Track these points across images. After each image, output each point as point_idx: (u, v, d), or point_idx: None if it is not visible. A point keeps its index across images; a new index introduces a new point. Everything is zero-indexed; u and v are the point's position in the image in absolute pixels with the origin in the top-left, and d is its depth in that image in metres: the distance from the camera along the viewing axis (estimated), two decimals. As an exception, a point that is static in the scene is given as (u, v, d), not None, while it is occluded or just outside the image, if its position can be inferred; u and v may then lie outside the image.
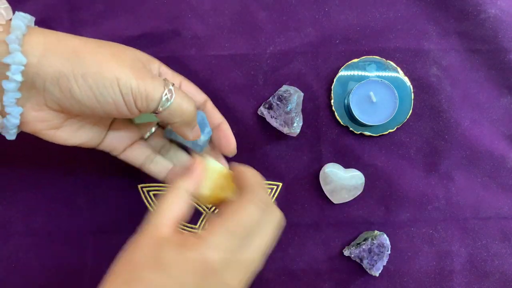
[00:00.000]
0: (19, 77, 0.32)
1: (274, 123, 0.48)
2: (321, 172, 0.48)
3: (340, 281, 0.49)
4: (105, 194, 0.49)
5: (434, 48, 0.50)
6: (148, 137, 0.44)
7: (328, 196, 0.49)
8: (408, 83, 0.50)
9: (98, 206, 0.49)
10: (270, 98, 0.48)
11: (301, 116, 0.48)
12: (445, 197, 0.49)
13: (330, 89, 0.50)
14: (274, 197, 0.49)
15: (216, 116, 0.44)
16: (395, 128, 0.50)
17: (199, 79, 0.50)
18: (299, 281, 0.49)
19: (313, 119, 0.50)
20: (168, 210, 0.33)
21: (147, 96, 0.34)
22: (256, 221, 0.33)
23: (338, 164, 0.49)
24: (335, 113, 0.49)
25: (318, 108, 0.50)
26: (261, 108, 0.49)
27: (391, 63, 0.50)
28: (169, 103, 0.35)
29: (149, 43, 0.50)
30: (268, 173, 0.49)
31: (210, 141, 0.45)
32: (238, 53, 0.50)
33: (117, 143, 0.42)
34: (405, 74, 0.50)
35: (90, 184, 0.49)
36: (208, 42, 0.50)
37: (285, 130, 0.47)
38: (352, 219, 0.49)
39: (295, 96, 0.47)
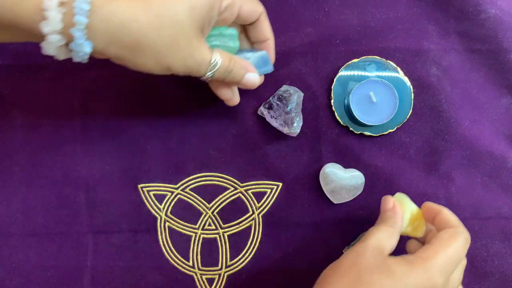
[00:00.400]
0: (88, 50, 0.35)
1: (274, 123, 0.48)
2: (321, 172, 0.48)
3: (340, 281, 0.49)
4: (105, 194, 0.49)
5: (434, 48, 0.50)
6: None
7: (328, 196, 0.49)
8: (408, 83, 0.50)
9: (98, 206, 0.49)
10: (270, 98, 0.48)
11: (301, 116, 0.48)
12: (445, 197, 0.49)
13: (330, 89, 0.50)
14: (274, 197, 0.49)
15: (264, 31, 0.45)
16: (395, 128, 0.50)
17: (199, 79, 0.50)
18: (299, 281, 0.49)
19: (313, 119, 0.50)
20: (388, 239, 0.39)
21: (195, 73, 0.39)
22: (463, 254, 0.38)
23: (338, 164, 0.49)
24: (335, 113, 0.50)
25: (318, 108, 0.50)
26: (261, 108, 0.49)
27: (391, 63, 0.50)
28: (215, 69, 0.39)
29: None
30: (268, 173, 0.49)
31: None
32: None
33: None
34: (405, 74, 0.50)
35: (90, 184, 0.49)
36: (208, 42, 0.50)
37: (285, 130, 0.47)
38: (352, 219, 0.49)
39: (295, 96, 0.47)
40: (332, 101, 0.50)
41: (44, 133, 0.50)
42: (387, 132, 0.50)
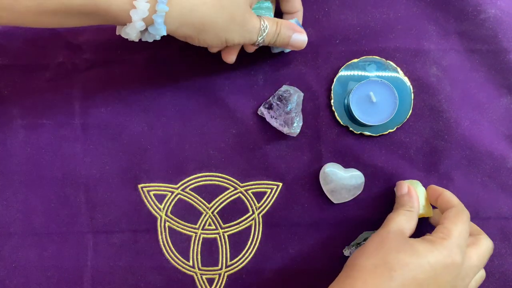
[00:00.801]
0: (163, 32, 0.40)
1: (274, 123, 0.48)
2: (321, 172, 0.48)
3: (340, 281, 0.49)
4: (105, 194, 0.49)
5: (434, 48, 0.50)
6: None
7: (328, 196, 0.49)
8: (408, 83, 0.50)
9: (98, 206, 0.49)
10: (270, 98, 0.48)
11: (301, 116, 0.48)
12: (445, 197, 0.49)
13: (330, 89, 0.50)
14: (274, 197, 0.49)
15: (296, 2, 0.48)
16: (395, 128, 0.50)
17: (199, 79, 0.50)
18: (299, 281, 0.49)
19: (313, 119, 0.50)
20: (408, 221, 0.42)
21: (249, 41, 0.44)
22: (468, 230, 0.41)
23: (338, 164, 0.49)
24: (335, 113, 0.50)
25: (318, 108, 0.50)
26: (261, 108, 0.49)
27: (391, 63, 0.50)
28: (265, 33, 0.44)
29: (150, 43, 0.50)
30: (268, 173, 0.49)
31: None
32: (238, 53, 0.50)
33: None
34: (405, 74, 0.50)
35: (90, 184, 0.49)
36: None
37: (285, 130, 0.47)
38: (352, 219, 0.49)
39: (295, 96, 0.47)
40: (332, 101, 0.50)
41: (44, 133, 0.50)
42: (387, 132, 0.50)
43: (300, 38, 0.46)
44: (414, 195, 0.45)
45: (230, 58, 0.47)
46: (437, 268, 0.38)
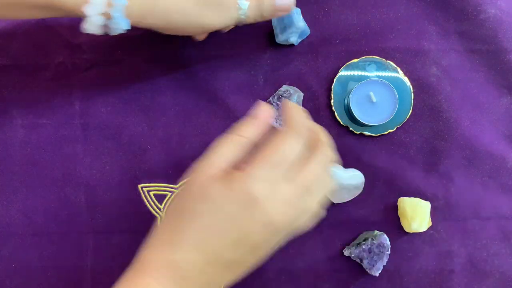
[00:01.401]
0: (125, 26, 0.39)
1: (274, 123, 0.48)
2: (321, 172, 0.48)
3: (340, 281, 0.49)
4: (105, 194, 0.49)
5: (434, 48, 0.50)
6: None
7: (328, 196, 0.49)
8: (408, 83, 0.50)
9: (98, 206, 0.49)
10: (270, 98, 0.48)
11: (301, 116, 0.48)
12: (445, 197, 0.49)
13: (330, 89, 0.50)
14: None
15: None
16: (395, 128, 0.50)
17: (199, 79, 0.50)
18: (299, 281, 0.49)
19: (313, 119, 0.50)
20: (219, 155, 0.35)
21: (229, 20, 0.41)
22: (297, 154, 0.34)
23: (338, 164, 0.49)
24: (335, 113, 0.49)
25: (318, 108, 0.50)
26: (261, 108, 0.49)
27: (391, 63, 0.50)
28: (245, 6, 0.41)
29: (149, 43, 0.50)
30: (268, 173, 0.49)
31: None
32: (238, 53, 0.50)
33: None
34: (405, 74, 0.50)
35: (90, 184, 0.49)
36: (208, 42, 0.50)
37: (285, 130, 0.47)
38: (352, 219, 0.49)
39: (295, 96, 0.47)
40: (332, 101, 0.50)
41: (44, 133, 0.50)
42: (387, 132, 0.50)
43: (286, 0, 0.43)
44: (261, 120, 0.36)
45: (199, 36, 0.46)
46: (232, 211, 0.32)
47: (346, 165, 0.49)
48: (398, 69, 0.50)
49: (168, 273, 0.33)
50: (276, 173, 0.33)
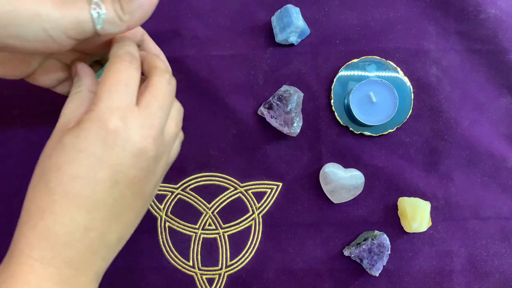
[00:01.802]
0: None
1: (274, 123, 0.48)
2: (321, 172, 0.48)
3: (340, 281, 0.49)
4: (105, 194, 0.49)
5: (434, 48, 0.50)
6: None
7: (328, 196, 0.49)
8: (408, 83, 0.50)
9: (98, 206, 0.49)
10: (270, 98, 0.49)
11: (301, 116, 0.48)
12: (444, 197, 0.49)
13: (330, 89, 0.50)
14: (274, 197, 0.49)
15: (153, 49, 0.41)
16: (395, 128, 0.50)
17: (199, 79, 0.50)
18: (299, 281, 0.49)
19: (313, 119, 0.50)
20: (69, 110, 0.34)
21: (81, 33, 0.32)
22: (135, 81, 0.33)
23: (338, 164, 0.49)
24: (335, 113, 0.50)
25: (318, 108, 0.50)
26: (261, 108, 0.49)
27: (391, 63, 0.50)
28: (102, 16, 0.31)
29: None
30: (268, 173, 0.49)
31: None
32: (238, 53, 0.50)
33: (49, 80, 0.39)
34: (405, 74, 0.50)
35: (90, 184, 0.49)
36: (208, 42, 0.50)
37: (285, 130, 0.47)
38: (352, 219, 0.49)
39: (295, 96, 0.48)
40: (332, 101, 0.50)
41: (44, 133, 0.50)
42: (387, 132, 0.50)
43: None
44: (82, 71, 0.36)
45: (44, 79, 0.38)
46: (95, 151, 0.30)
47: (346, 165, 0.49)
48: (398, 69, 0.50)
49: (46, 244, 0.30)
50: (121, 101, 0.31)
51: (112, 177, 0.31)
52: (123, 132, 0.31)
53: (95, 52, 0.39)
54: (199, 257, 0.49)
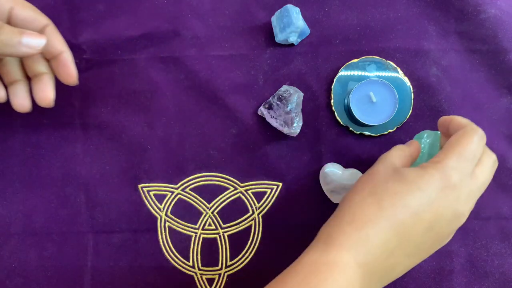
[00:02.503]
0: None
1: (274, 123, 0.48)
2: (321, 172, 0.48)
3: (340, 281, 0.49)
4: (105, 194, 0.49)
5: (434, 48, 0.50)
6: None
7: (328, 196, 0.49)
8: (408, 83, 0.50)
9: (98, 206, 0.49)
10: (270, 98, 0.49)
11: (301, 116, 0.48)
12: (445, 197, 0.49)
13: (330, 89, 0.50)
14: (274, 197, 0.49)
15: (56, 44, 0.42)
16: (395, 128, 0.50)
17: (199, 79, 0.50)
18: (299, 281, 0.49)
19: (313, 119, 0.50)
20: (399, 156, 0.40)
21: None
22: (478, 149, 0.37)
23: (338, 164, 0.49)
24: (335, 113, 0.50)
25: (318, 108, 0.50)
26: (261, 108, 0.49)
27: (391, 63, 0.50)
28: None
29: (149, 43, 0.50)
30: (268, 173, 0.49)
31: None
32: (238, 53, 0.50)
33: None
34: (405, 74, 0.50)
35: (90, 184, 0.49)
36: (208, 42, 0.50)
37: (285, 130, 0.47)
38: (352, 219, 0.49)
39: (295, 96, 0.48)
40: (332, 101, 0.50)
41: (44, 133, 0.50)
42: (387, 132, 0.50)
43: (35, 39, 0.37)
44: (414, 142, 0.43)
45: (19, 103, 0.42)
46: (430, 193, 0.35)
47: (346, 165, 0.49)
48: (398, 69, 0.50)
49: (362, 249, 0.34)
50: (466, 167, 0.36)
51: (431, 223, 0.36)
52: (460, 190, 0.36)
53: None
54: (199, 257, 0.49)
